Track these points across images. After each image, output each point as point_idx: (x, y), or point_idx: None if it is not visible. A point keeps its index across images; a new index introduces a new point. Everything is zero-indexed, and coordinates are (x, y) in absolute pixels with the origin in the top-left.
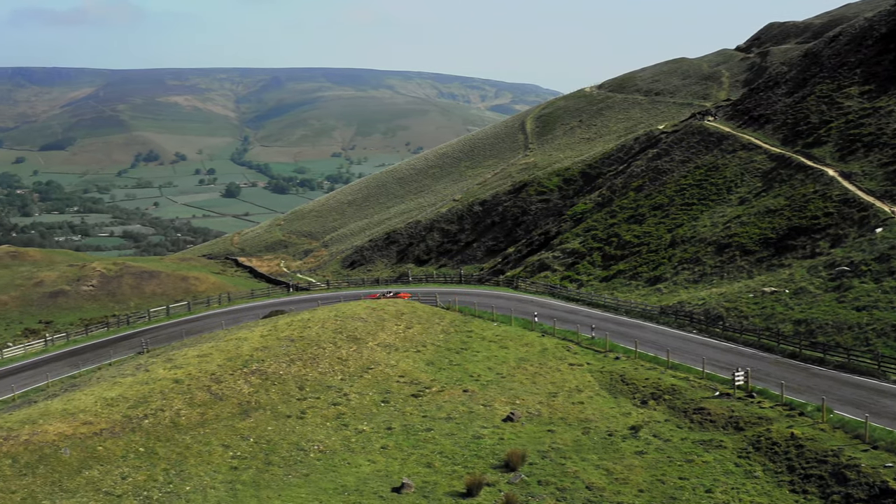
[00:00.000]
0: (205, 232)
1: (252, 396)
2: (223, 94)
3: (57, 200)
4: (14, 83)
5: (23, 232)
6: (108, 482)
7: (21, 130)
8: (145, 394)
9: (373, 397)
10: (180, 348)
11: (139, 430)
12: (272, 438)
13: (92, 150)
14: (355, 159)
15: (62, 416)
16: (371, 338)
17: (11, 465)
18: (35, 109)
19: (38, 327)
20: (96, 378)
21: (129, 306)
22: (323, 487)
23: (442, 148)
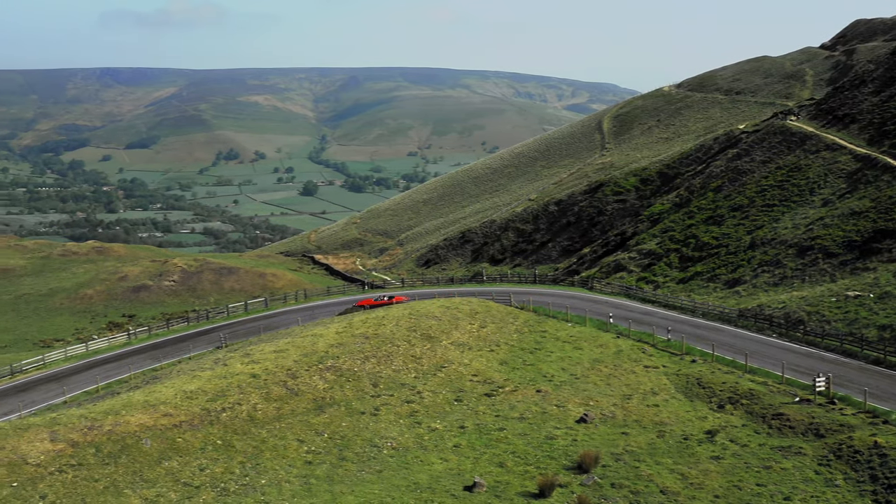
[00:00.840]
0: (282, 229)
1: (327, 392)
2: (302, 93)
3: (141, 197)
4: (102, 83)
5: (108, 228)
6: (187, 473)
7: (108, 129)
8: (223, 388)
9: (446, 396)
10: (257, 343)
11: (217, 423)
12: (346, 434)
13: (175, 149)
14: (431, 158)
15: (144, 407)
16: (445, 336)
17: (95, 454)
18: (121, 109)
19: (122, 321)
20: (176, 371)
21: (209, 301)
22: (396, 484)
23: (518, 147)
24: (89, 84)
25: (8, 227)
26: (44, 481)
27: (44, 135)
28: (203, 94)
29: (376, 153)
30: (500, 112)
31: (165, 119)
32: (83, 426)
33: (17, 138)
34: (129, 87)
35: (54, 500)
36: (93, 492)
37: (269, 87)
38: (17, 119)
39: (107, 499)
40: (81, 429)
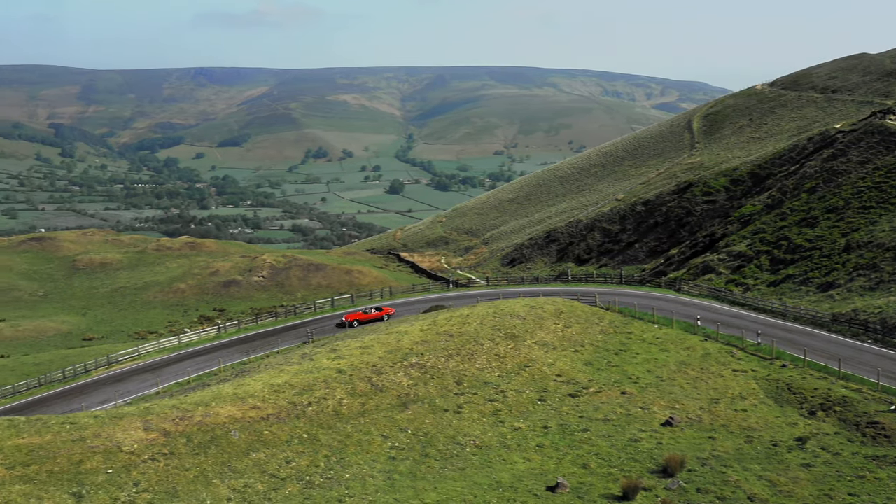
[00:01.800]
0: (369, 227)
1: (411, 389)
2: (390, 92)
3: (232, 194)
4: (196, 83)
5: (201, 224)
6: (274, 465)
7: (201, 128)
8: (310, 382)
9: (529, 395)
10: (343, 339)
11: (303, 417)
12: (429, 431)
13: (265, 147)
14: (517, 157)
15: (233, 400)
16: (529, 336)
17: (186, 444)
18: (214, 108)
19: (213, 314)
20: (264, 365)
21: (297, 297)
22: (478, 482)
23: (605, 146)
24: (184, 84)
25: (106, 222)
26: (137, 469)
27: (140, 133)
28: (293, 93)
29: (462, 152)
30: (588, 111)
31: (257, 117)
32: (175, 416)
33: (116, 136)
34: (222, 87)
35: (147, 488)
36: (183, 480)
37: (357, 86)
38: (116, 118)
39: (196, 487)
40: (173, 419)
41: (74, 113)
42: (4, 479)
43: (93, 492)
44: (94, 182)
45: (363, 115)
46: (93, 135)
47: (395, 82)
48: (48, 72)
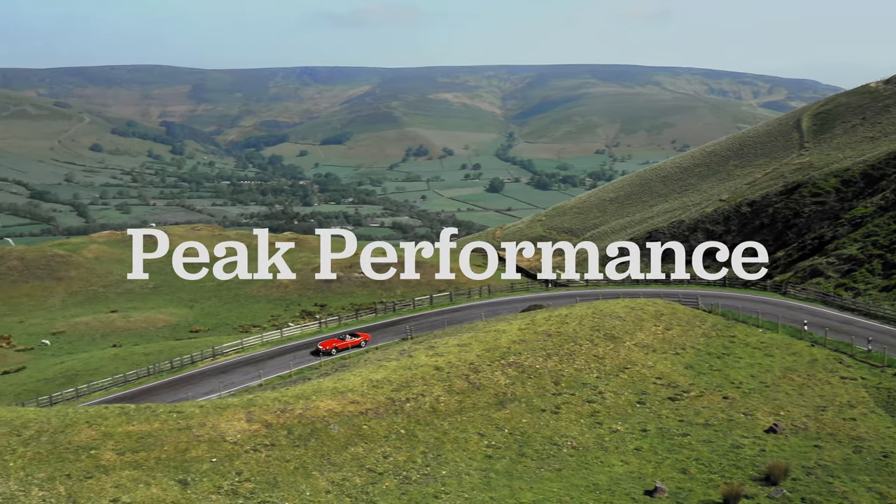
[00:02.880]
0: (468, 225)
1: (508, 388)
2: (490, 90)
3: (334, 191)
4: (301, 82)
5: (303, 220)
6: (371, 460)
7: (305, 126)
8: (408, 378)
9: (628, 397)
10: (441, 337)
11: (401, 413)
12: (526, 431)
13: (367, 145)
14: (619, 156)
15: (332, 394)
16: (629, 337)
17: (287, 436)
18: (318, 106)
19: (314, 310)
20: (364, 360)
21: (396, 294)
22: (575, 484)
23: (709, 146)
24: (289, 83)
25: (213, 217)
26: (240, 458)
27: (247, 131)
28: (395, 92)
29: (563, 151)
30: (692, 109)
31: (359, 116)
32: (276, 409)
33: (223, 134)
34: (325, 86)
35: (249, 477)
36: (284, 471)
37: (458, 85)
38: (224, 116)
39: (296, 479)
40: (275, 411)
41: (185, 111)
42: (115, 465)
43: (197, 479)
44: (202, 178)
45: (464, 113)
46: (202, 132)
47: (496, 81)
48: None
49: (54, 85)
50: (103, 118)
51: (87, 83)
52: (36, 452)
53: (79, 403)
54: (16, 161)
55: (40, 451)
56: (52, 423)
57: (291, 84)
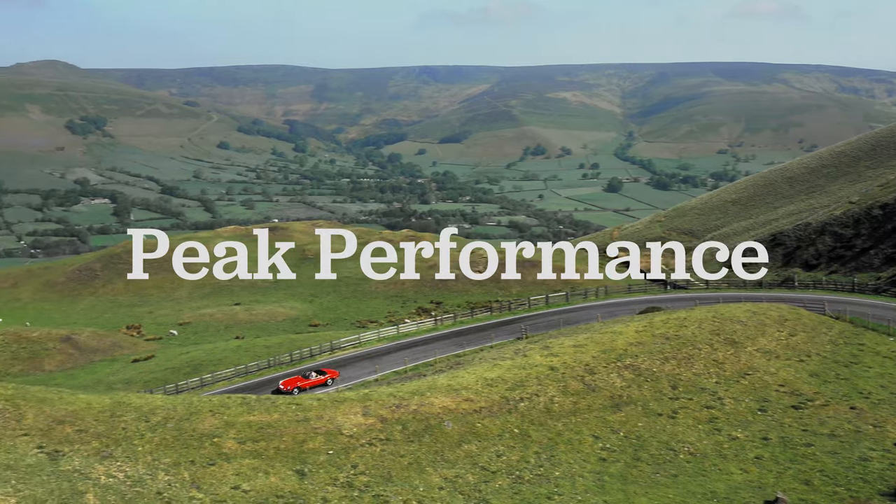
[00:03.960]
0: (585, 225)
1: (624, 391)
2: (609, 89)
3: (451, 190)
4: (420, 81)
5: (421, 218)
6: (484, 458)
7: (424, 125)
8: (522, 378)
9: (749, 404)
10: (557, 337)
11: (515, 412)
12: (642, 435)
13: (484, 143)
14: (742, 156)
15: (447, 391)
16: (750, 342)
17: (401, 431)
18: (437, 105)
19: (430, 307)
20: (478, 358)
21: (511, 293)
22: (691, 491)
23: (839, 146)
24: (409, 82)
25: (333, 214)
26: (355, 452)
27: (367, 129)
28: (513, 91)
29: (684, 150)
30: (821, 108)
31: (477, 115)
32: (392, 404)
33: (344, 132)
34: (444, 85)
35: (364, 470)
36: (398, 466)
37: (577, 84)
38: (345, 114)
39: (410, 474)
40: (390, 406)
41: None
42: (236, 453)
43: (314, 470)
44: (323, 176)
45: (582, 112)
46: (323, 131)
47: (615, 79)
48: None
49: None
50: (230, 117)
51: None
52: (162, 438)
53: (203, 392)
54: (149, 158)
55: (166, 437)
56: (177, 411)
57: (411, 83)
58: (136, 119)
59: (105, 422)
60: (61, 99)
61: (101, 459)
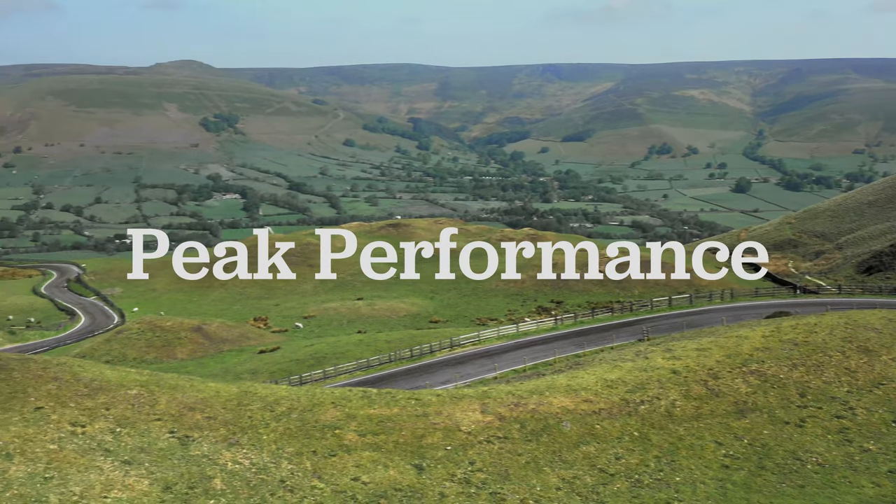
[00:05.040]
0: (711, 226)
1: (749, 397)
2: (739, 87)
3: (573, 188)
4: (544, 79)
5: (542, 217)
6: (603, 460)
7: (546, 123)
8: (643, 380)
9: (883, 415)
10: (679, 340)
11: (635, 415)
12: (767, 443)
13: (608, 142)
14: (880, 156)
15: (566, 391)
16: (885, 351)
17: (519, 430)
18: (560, 103)
19: (550, 306)
20: (598, 359)
21: (633, 294)
22: (819, 503)
23: None
24: (532, 80)
25: (455, 211)
26: (473, 448)
27: (490, 127)
28: (639, 89)
29: (817, 150)
30: None
31: (601, 113)
32: (510, 402)
33: (467, 130)
34: (568, 83)
35: (481, 468)
36: (515, 464)
37: (705, 81)
38: (468, 112)
39: (527, 473)
40: (508, 404)
41: (431, 108)
42: (356, 445)
43: (432, 465)
44: (445, 173)
45: (710, 110)
46: (446, 129)
47: (745, 76)
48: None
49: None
50: (356, 115)
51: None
52: (286, 428)
53: (325, 384)
54: (278, 155)
55: (290, 427)
56: (301, 402)
57: (535, 81)
58: (267, 117)
59: (232, 410)
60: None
61: (228, 446)
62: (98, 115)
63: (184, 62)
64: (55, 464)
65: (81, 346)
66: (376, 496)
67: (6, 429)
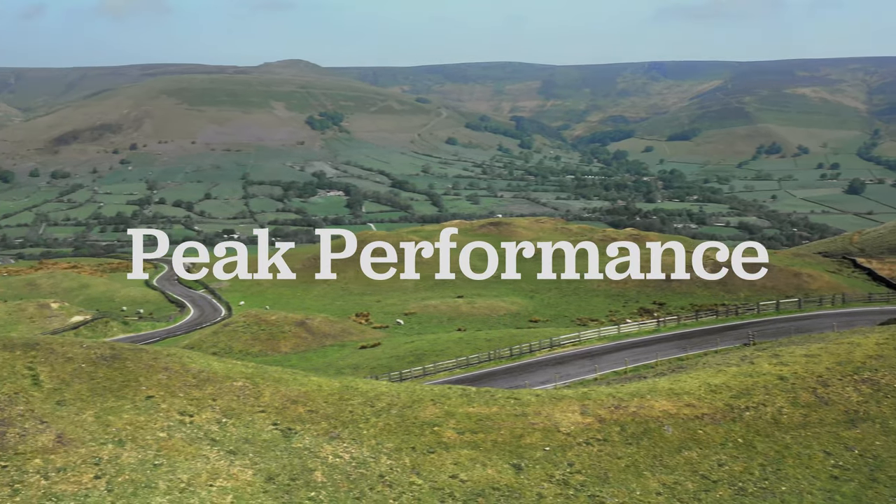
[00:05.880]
0: (822, 228)
1: (861, 406)
2: (854, 84)
3: (678, 188)
4: (649, 77)
5: (645, 217)
6: (705, 466)
7: (651, 122)
8: (748, 386)
9: None
10: (787, 345)
11: (739, 421)
12: (879, 454)
13: (714, 141)
14: None
15: (668, 395)
16: None
17: (619, 433)
18: (665, 101)
19: (652, 307)
20: (702, 363)
21: (739, 297)
22: None
23: None
24: (637, 78)
25: (556, 210)
26: (572, 450)
27: (593, 126)
28: (747, 87)
29: None
30: None
31: (708, 111)
32: (610, 404)
33: (570, 129)
34: (674, 81)
35: (580, 469)
36: (615, 468)
37: (818, 79)
38: (571, 111)
39: (627, 477)
40: (608, 406)
41: (534, 107)
42: (455, 443)
43: (530, 466)
44: (547, 172)
45: (823, 108)
46: (549, 127)
47: (861, 74)
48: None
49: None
50: (458, 113)
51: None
52: (386, 423)
53: (425, 381)
54: (381, 152)
55: (390, 423)
56: (401, 398)
57: (639, 79)
58: (370, 115)
59: (334, 404)
60: (303, 96)
61: (329, 440)
62: (208, 113)
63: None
64: (164, 451)
65: (190, 337)
66: (474, 494)
67: (119, 416)
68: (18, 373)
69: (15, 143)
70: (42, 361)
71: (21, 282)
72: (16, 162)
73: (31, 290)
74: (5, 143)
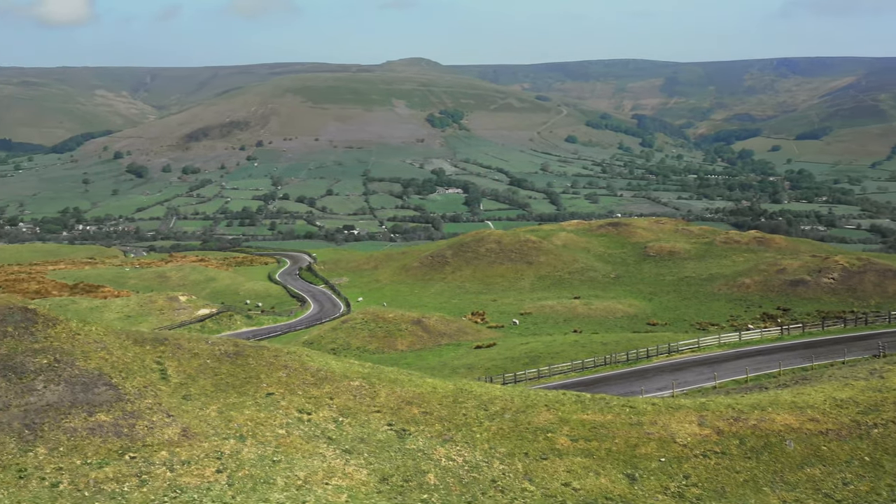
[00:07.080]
0: None
1: None
2: None
3: (806, 189)
4: (777, 73)
5: (771, 218)
6: (829, 484)
7: (779, 120)
8: (877, 401)
9: None
10: None
11: (867, 438)
12: None
13: (846, 140)
14: None
15: (790, 408)
16: None
17: (738, 446)
18: (794, 99)
19: (776, 313)
20: (827, 375)
21: (869, 304)
22: None
23: None
24: (765, 75)
25: (677, 211)
26: (688, 462)
27: (717, 124)
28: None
29: None
30: None
31: (839, 109)
32: (729, 416)
33: (693, 127)
34: (804, 78)
35: (696, 482)
36: (732, 482)
37: None
38: (695, 109)
39: (745, 492)
40: (727, 418)
41: (656, 105)
42: (568, 450)
43: (645, 476)
44: (668, 171)
45: None
46: (671, 126)
47: None
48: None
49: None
50: (579, 111)
51: (566, 78)
52: (499, 428)
53: (539, 384)
54: (500, 150)
55: (503, 428)
56: (514, 402)
57: (767, 76)
58: (490, 113)
59: (448, 406)
60: (423, 94)
61: (442, 442)
62: (332, 111)
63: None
64: (283, 448)
65: (310, 332)
66: (586, 503)
67: (241, 412)
68: (148, 367)
69: (150, 139)
70: (170, 356)
71: (152, 274)
72: (150, 158)
73: (162, 282)
74: (141, 140)
